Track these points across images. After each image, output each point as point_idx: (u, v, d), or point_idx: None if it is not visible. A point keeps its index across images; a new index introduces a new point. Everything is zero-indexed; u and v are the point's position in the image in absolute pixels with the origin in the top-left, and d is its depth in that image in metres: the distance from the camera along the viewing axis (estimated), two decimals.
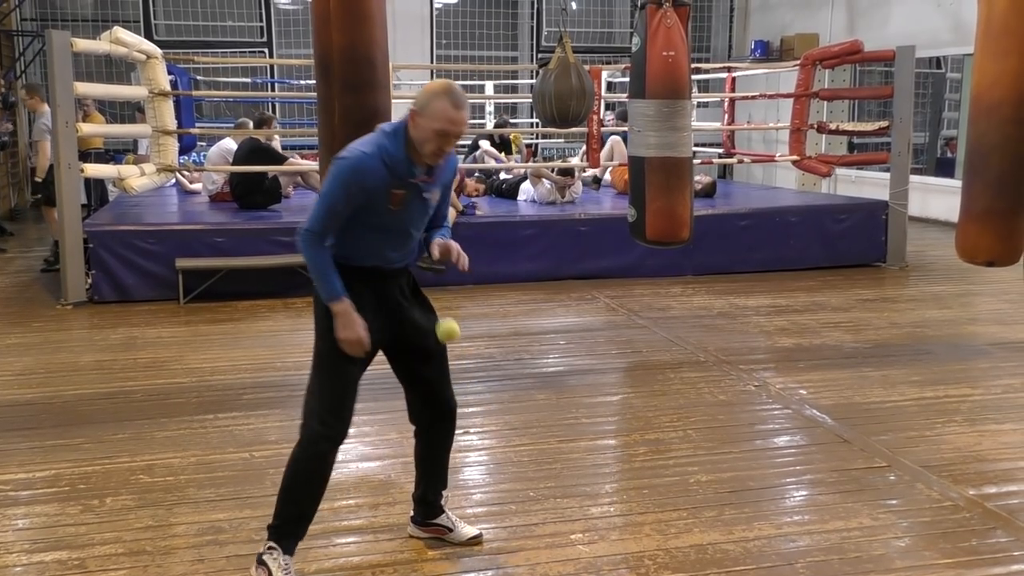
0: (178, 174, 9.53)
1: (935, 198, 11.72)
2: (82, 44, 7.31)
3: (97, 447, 4.25)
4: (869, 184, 12.27)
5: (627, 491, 3.80)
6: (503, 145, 11.41)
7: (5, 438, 4.39)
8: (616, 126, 10.19)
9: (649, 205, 5.54)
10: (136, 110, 10.77)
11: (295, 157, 10.02)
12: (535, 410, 4.81)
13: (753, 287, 7.93)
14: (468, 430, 4.52)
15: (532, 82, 8.44)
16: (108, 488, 3.79)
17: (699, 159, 10.71)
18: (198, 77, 13.23)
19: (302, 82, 13.75)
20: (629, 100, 5.72)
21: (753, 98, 11.54)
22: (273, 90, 14.68)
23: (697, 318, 6.87)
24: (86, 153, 7.43)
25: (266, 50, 14.74)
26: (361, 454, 4.16)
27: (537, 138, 14.81)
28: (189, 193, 10.17)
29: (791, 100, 9.84)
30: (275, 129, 9.87)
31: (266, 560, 2.97)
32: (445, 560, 3.21)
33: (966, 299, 7.62)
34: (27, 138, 12.99)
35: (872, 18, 13.37)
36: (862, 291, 7.82)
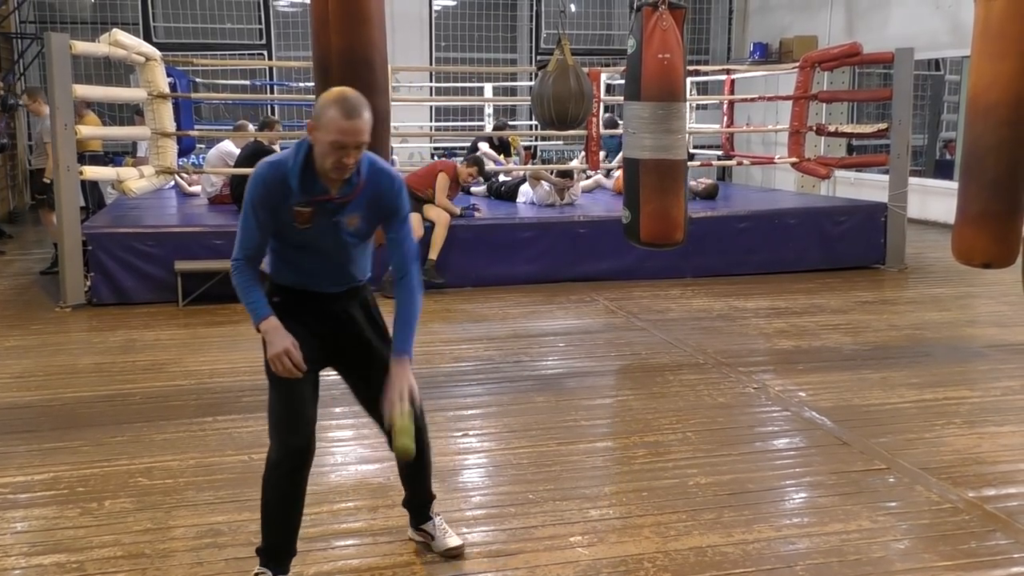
0: (177, 176, 9.52)
1: (934, 200, 11.72)
2: (81, 46, 7.32)
3: (96, 450, 4.25)
4: (868, 186, 12.28)
5: (626, 493, 3.80)
6: (502, 147, 11.41)
7: (4, 441, 4.39)
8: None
9: (643, 207, 5.55)
10: (135, 112, 10.76)
11: None
12: (534, 412, 4.81)
13: (752, 289, 7.93)
14: (467, 432, 4.52)
15: (531, 84, 8.45)
16: (107, 491, 3.79)
17: (698, 161, 10.74)
18: (197, 79, 13.21)
19: (301, 85, 13.76)
20: (624, 102, 5.72)
21: (752, 100, 11.55)
22: (272, 93, 14.68)
23: (696, 320, 6.87)
24: (80, 156, 7.42)
25: (265, 52, 14.74)
26: (360, 457, 4.16)
27: (536, 140, 14.82)
28: (188, 195, 10.16)
29: (790, 102, 9.84)
30: (278, 132, 9.86)
31: None
32: (444, 563, 3.20)
33: (965, 301, 7.62)
34: (26, 140, 12.99)
35: (871, 20, 13.38)
36: (861, 293, 7.83)
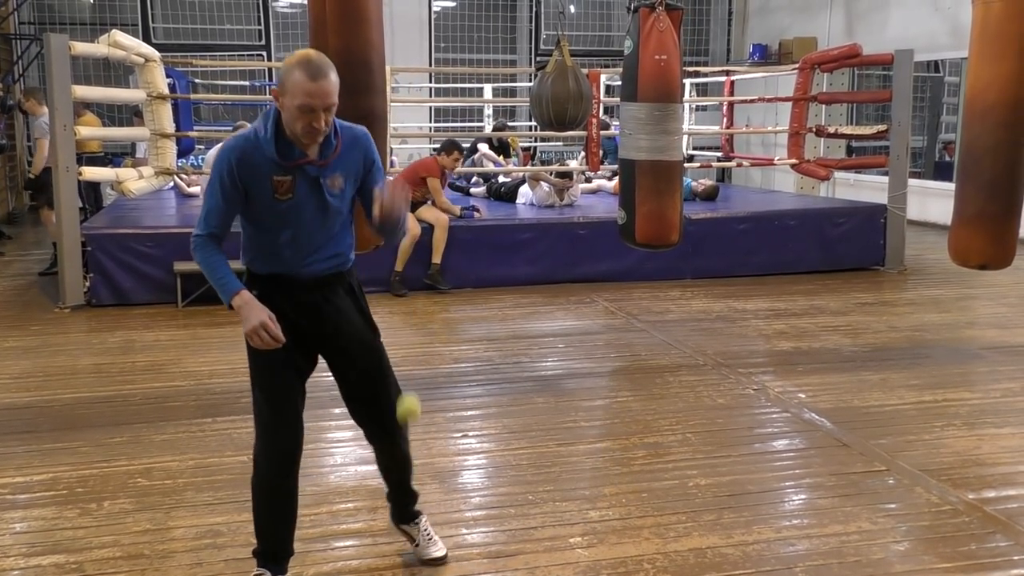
0: (176, 177, 9.52)
1: (933, 202, 11.73)
2: (80, 47, 7.32)
3: (95, 451, 4.25)
4: (867, 188, 12.28)
5: (626, 495, 3.79)
6: (501, 148, 11.41)
7: (3, 442, 4.38)
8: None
9: (639, 208, 5.55)
10: (133, 114, 10.77)
11: None
12: (533, 413, 4.80)
13: (752, 291, 7.93)
14: (467, 433, 4.52)
15: (530, 85, 8.44)
16: (106, 491, 3.78)
17: (697, 162, 10.74)
18: (196, 80, 13.21)
19: None
20: (621, 103, 5.72)
21: (752, 101, 11.55)
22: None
23: (696, 322, 6.87)
24: (78, 156, 7.41)
25: (264, 53, 14.74)
26: (359, 457, 4.15)
27: (535, 141, 14.82)
28: (187, 196, 10.15)
29: (790, 104, 9.85)
30: None
31: None
32: (443, 564, 3.19)
33: (965, 303, 7.62)
34: (25, 142, 12.99)
35: (870, 22, 13.38)
36: (861, 295, 7.83)
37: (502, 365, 5.76)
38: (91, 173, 7.62)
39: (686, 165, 8.91)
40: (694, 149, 13.19)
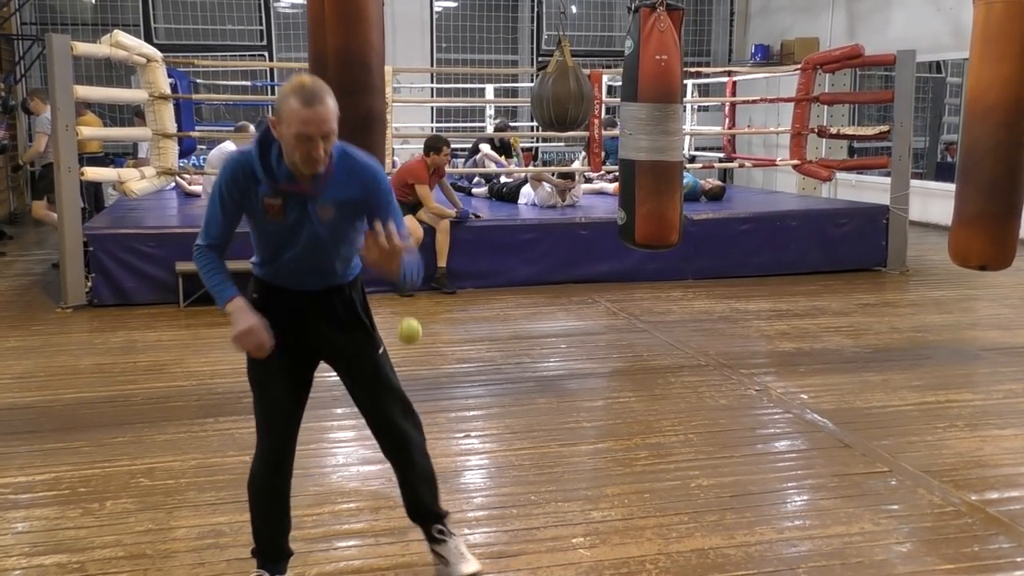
0: (178, 177, 9.52)
1: (935, 202, 11.72)
2: (82, 48, 7.32)
3: (97, 450, 4.25)
4: (869, 188, 12.27)
5: (628, 495, 3.79)
6: (503, 148, 11.41)
7: (5, 441, 4.39)
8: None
9: (639, 208, 5.54)
10: (135, 114, 10.77)
11: None
12: (536, 414, 4.80)
13: (753, 291, 7.93)
14: (469, 433, 4.52)
15: (532, 85, 8.44)
16: (108, 491, 3.78)
17: (700, 163, 10.74)
18: (198, 80, 13.22)
19: None
20: (621, 103, 5.72)
21: (754, 102, 11.55)
22: (273, 93, 14.67)
23: (698, 322, 6.87)
24: (79, 157, 7.41)
25: (266, 53, 14.75)
26: (362, 458, 4.15)
27: (537, 142, 14.81)
28: (189, 196, 10.16)
29: (791, 104, 9.85)
30: None
31: None
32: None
33: (967, 303, 7.62)
34: (27, 142, 12.99)
35: (872, 22, 13.38)
36: (862, 295, 7.82)
37: (504, 365, 5.76)
38: (93, 173, 7.63)
39: (689, 165, 8.93)
40: (696, 150, 13.20)
